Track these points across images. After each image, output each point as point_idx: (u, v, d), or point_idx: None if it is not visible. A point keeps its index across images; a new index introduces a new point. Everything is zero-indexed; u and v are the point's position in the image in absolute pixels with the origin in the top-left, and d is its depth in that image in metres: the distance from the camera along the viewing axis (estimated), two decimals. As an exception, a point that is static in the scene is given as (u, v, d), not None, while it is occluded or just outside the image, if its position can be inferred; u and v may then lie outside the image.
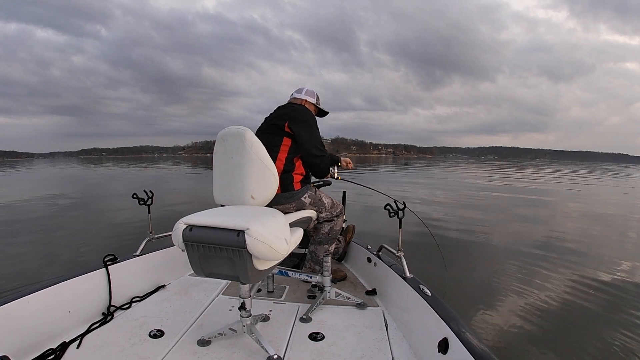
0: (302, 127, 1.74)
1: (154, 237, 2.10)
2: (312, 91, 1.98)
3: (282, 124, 1.73)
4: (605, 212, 7.80)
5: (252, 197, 1.48)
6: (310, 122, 1.78)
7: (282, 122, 1.74)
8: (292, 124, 1.72)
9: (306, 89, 1.97)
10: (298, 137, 1.72)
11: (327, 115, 2.10)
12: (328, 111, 2.07)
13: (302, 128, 1.74)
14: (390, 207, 1.78)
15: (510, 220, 6.63)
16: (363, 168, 19.93)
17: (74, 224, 6.16)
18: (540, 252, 4.37)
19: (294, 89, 2.00)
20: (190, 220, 1.21)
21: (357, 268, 2.32)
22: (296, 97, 1.95)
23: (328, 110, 2.07)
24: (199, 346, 1.43)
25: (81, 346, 1.42)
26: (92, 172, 24.58)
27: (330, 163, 1.87)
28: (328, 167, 1.85)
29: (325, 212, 1.90)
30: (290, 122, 1.73)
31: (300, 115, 1.78)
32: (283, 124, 1.73)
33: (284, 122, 1.73)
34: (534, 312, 2.75)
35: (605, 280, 3.43)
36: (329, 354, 1.40)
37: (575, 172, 27.22)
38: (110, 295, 1.73)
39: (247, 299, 1.42)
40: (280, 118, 1.76)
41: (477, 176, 19.55)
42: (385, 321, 1.67)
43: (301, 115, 1.78)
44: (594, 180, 18.18)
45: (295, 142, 1.74)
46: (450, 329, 1.22)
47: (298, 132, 1.72)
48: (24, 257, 4.18)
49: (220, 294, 1.97)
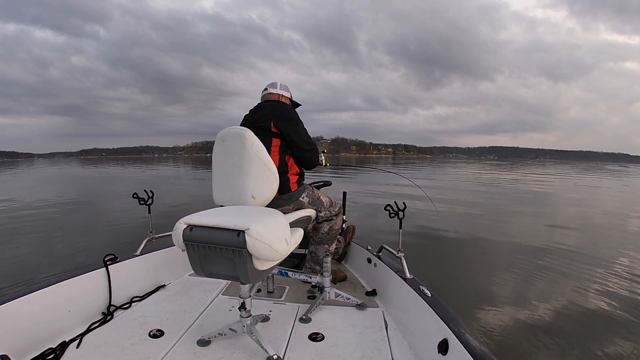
0: (288, 124, 1.72)
1: (154, 237, 2.10)
2: (285, 85, 1.95)
3: (268, 125, 1.70)
4: (606, 212, 7.80)
5: (253, 197, 1.48)
6: (294, 117, 1.77)
7: (267, 122, 1.70)
8: (278, 123, 1.70)
9: (280, 83, 1.93)
10: (286, 135, 1.71)
11: (301, 106, 2.07)
12: (300, 104, 2.05)
13: (289, 125, 1.73)
14: (391, 207, 1.77)
15: (510, 220, 6.63)
16: (363, 167, 19.91)
17: (74, 224, 6.16)
18: (541, 252, 4.36)
19: (268, 84, 1.95)
20: (191, 220, 1.21)
21: (357, 269, 2.32)
22: (272, 93, 1.90)
23: (300, 103, 2.05)
24: (199, 346, 1.43)
25: (81, 346, 1.42)
26: (93, 172, 24.59)
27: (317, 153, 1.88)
28: (317, 157, 1.87)
29: (324, 210, 1.91)
30: (276, 122, 1.70)
31: (284, 112, 1.75)
32: (268, 124, 1.70)
33: (269, 123, 1.70)
34: (535, 312, 2.75)
35: (606, 281, 3.43)
36: (328, 355, 1.40)
37: (575, 171, 27.21)
38: (110, 295, 1.73)
39: (247, 299, 1.42)
40: (265, 119, 1.71)
41: (477, 176, 19.55)
42: (385, 322, 1.67)
43: (285, 112, 1.76)
44: (595, 180, 18.17)
45: (284, 141, 1.73)
46: (450, 329, 1.22)
47: (286, 130, 1.71)
48: (23, 257, 4.19)
49: (220, 294, 1.97)
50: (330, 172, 16.77)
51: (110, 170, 27.09)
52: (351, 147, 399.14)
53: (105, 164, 51.15)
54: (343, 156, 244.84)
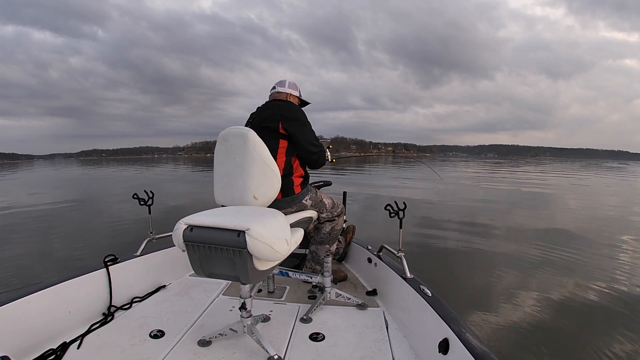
0: (297, 126, 1.69)
1: (154, 237, 2.10)
2: (294, 83, 1.89)
3: (276, 126, 1.65)
4: (607, 212, 7.80)
5: (255, 197, 1.47)
6: (303, 119, 1.73)
7: (275, 123, 1.66)
8: (286, 124, 1.67)
9: (288, 82, 1.87)
10: (294, 137, 1.68)
11: (309, 105, 2.02)
12: (310, 102, 2.00)
13: (298, 127, 1.69)
14: (391, 207, 1.77)
15: (511, 220, 6.62)
16: (363, 167, 19.92)
17: (74, 225, 6.17)
18: (542, 252, 4.36)
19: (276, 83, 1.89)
20: (191, 221, 1.21)
21: (358, 268, 2.32)
22: (280, 92, 1.84)
23: (310, 101, 2.00)
24: (200, 346, 1.43)
25: (82, 346, 1.42)
26: (93, 173, 24.59)
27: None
28: (324, 158, 1.84)
29: (326, 212, 1.90)
30: (284, 123, 1.67)
31: (293, 114, 1.71)
32: (277, 125, 1.66)
33: (278, 124, 1.66)
34: (536, 312, 2.75)
35: (607, 280, 3.43)
36: (329, 355, 1.40)
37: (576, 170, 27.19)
38: (110, 296, 1.73)
39: (247, 299, 1.42)
40: (273, 119, 1.67)
41: (478, 175, 19.55)
42: (386, 321, 1.67)
43: (293, 113, 1.72)
44: (595, 179, 18.18)
45: (291, 143, 1.70)
46: (450, 329, 1.22)
47: (294, 132, 1.67)
48: (23, 257, 4.19)
49: (220, 294, 1.97)
50: (330, 171, 16.77)
51: (110, 171, 27.11)
52: (351, 147, 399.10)
53: (105, 164, 51.18)
54: (343, 155, 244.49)
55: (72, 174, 23.03)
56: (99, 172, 26.32)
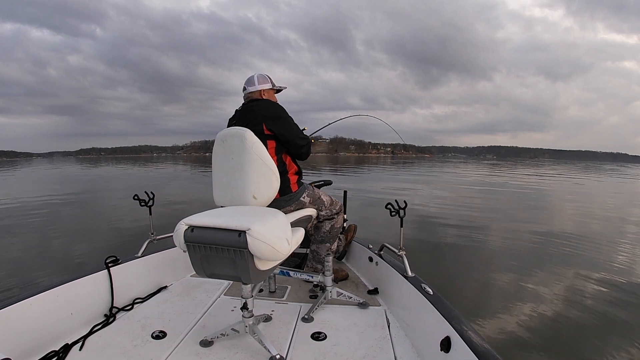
0: (281, 124, 1.69)
1: (155, 238, 2.10)
2: (263, 75, 1.85)
3: (260, 128, 1.64)
4: (605, 213, 7.79)
5: (254, 197, 1.47)
6: (284, 115, 1.73)
7: (258, 126, 1.64)
8: (269, 124, 1.67)
9: (257, 77, 1.82)
10: (282, 136, 1.69)
11: (286, 89, 1.97)
12: (284, 87, 1.95)
13: (282, 125, 1.70)
14: (392, 206, 1.77)
15: (512, 220, 6.62)
16: (362, 167, 19.91)
17: (74, 226, 6.16)
18: (543, 252, 4.36)
19: (248, 83, 1.83)
20: (192, 221, 1.21)
21: (359, 267, 2.32)
22: (252, 92, 1.81)
23: (285, 86, 1.94)
24: (202, 347, 1.43)
25: (84, 348, 1.42)
26: (93, 173, 24.59)
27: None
28: (310, 147, 1.85)
29: (325, 210, 1.91)
30: (268, 123, 1.67)
31: (274, 112, 1.70)
32: (260, 127, 1.65)
33: (261, 126, 1.66)
34: (537, 310, 2.75)
35: (608, 280, 3.43)
36: (331, 354, 1.40)
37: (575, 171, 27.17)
38: (112, 297, 1.73)
39: (249, 299, 1.42)
40: (255, 122, 1.65)
41: (478, 174, 19.53)
42: (388, 320, 1.67)
43: (274, 112, 1.71)
44: (593, 181, 18.16)
45: (278, 141, 1.70)
46: (452, 327, 1.22)
47: (280, 131, 1.68)
48: (24, 259, 4.19)
49: (222, 294, 1.97)
50: (330, 170, 16.73)
51: (111, 169, 27.10)
52: (350, 147, 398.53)
53: (105, 163, 51.17)
54: (342, 155, 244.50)
55: (75, 173, 23.02)
56: (101, 170, 26.32)
